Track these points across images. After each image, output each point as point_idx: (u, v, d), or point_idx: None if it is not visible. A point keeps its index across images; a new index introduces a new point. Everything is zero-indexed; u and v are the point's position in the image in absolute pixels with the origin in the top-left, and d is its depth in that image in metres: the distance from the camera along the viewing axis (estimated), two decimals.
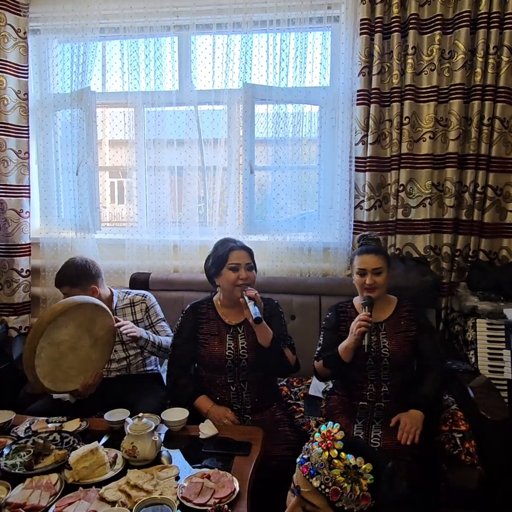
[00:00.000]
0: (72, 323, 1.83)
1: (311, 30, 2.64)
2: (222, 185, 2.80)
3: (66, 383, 1.86)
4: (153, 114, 2.80)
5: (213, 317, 2.01)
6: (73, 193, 2.89)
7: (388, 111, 2.59)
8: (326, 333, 2.07)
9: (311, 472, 0.97)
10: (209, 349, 1.95)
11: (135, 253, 2.87)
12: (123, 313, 2.21)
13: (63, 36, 2.82)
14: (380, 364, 1.92)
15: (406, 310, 2.01)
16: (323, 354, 1.99)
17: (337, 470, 0.95)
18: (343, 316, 2.06)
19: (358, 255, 2.00)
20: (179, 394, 1.96)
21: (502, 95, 2.48)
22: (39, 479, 1.41)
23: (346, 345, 1.87)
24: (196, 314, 2.02)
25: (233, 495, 1.34)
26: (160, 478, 1.43)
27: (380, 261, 1.94)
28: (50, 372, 1.79)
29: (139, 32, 2.73)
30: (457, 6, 2.48)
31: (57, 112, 2.93)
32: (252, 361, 1.93)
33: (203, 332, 1.98)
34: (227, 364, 1.92)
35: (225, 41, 2.66)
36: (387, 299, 2.05)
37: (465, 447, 1.81)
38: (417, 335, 1.96)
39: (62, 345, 1.82)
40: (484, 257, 2.62)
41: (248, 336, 1.95)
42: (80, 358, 1.89)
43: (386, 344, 1.93)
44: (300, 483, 1.00)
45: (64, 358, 1.84)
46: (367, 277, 1.93)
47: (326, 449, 0.97)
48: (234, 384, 1.93)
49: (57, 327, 1.78)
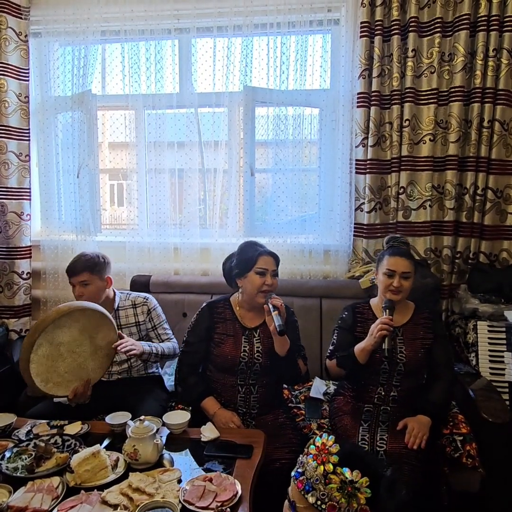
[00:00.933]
0: (76, 325, 1.82)
1: (311, 33, 2.65)
2: (223, 188, 2.81)
3: (58, 387, 1.83)
4: (153, 116, 2.81)
5: (229, 318, 1.99)
6: (73, 196, 2.89)
7: (388, 114, 2.60)
8: (341, 332, 2.04)
9: (306, 488, 0.96)
10: (223, 349, 1.94)
11: (136, 256, 2.87)
12: (125, 314, 2.21)
13: (64, 39, 2.82)
14: (394, 369, 1.90)
15: (424, 318, 2.00)
16: (337, 353, 1.97)
17: (333, 485, 0.93)
18: (359, 317, 2.03)
19: (389, 255, 1.95)
20: (187, 392, 1.95)
21: (502, 98, 2.48)
22: (40, 482, 1.40)
23: (364, 346, 1.85)
24: (212, 313, 2.00)
25: (235, 498, 1.34)
26: (162, 481, 1.43)
27: (410, 266, 1.92)
28: (45, 372, 1.78)
29: (140, 35, 2.74)
30: (457, 9, 2.49)
31: (58, 115, 2.93)
32: (265, 365, 1.92)
33: (219, 332, 1.97)
34: (240, 366, 1.91)
35: (226, 44, 2.67)
36: (406, 304, 2.03)
37: (466, 450, 1.81)
38: (433, 343, 1.95)
39: (62, 346, 1.81)
40: (485, 259, 2.63)
41: (264, 340, 1.95)
42: (78, 364, 1.87)
43: (403, 349, 1.92)
44: (295, 498, 0.99)
45: (63, 361, 1.83)
46: (395, 279, 1.90)
47: (321, 463, 0.96)
48: (243, 386, 1.93)
49: (59, 327, 1.78)
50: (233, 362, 1.91)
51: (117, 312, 2.21)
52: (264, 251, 1.94)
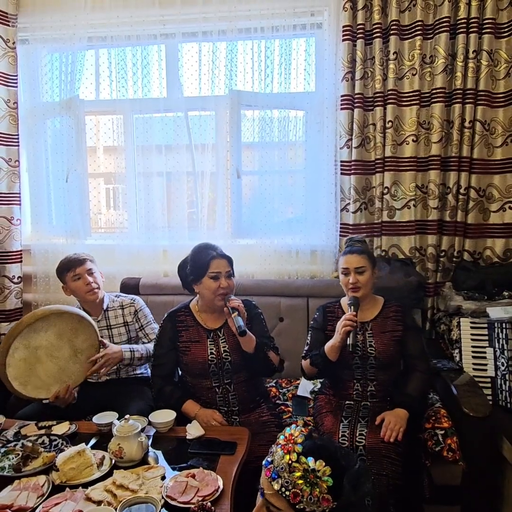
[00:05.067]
0: (52, 329, 1.86)
1: (295, 36, 2.69)
2: (211, 190, 2.84)
3: (39, 389, 1.86)
4: (141, 121, 2.84)
5: (191, 324, 2.02)
6: (63, 200, 2.93)
7: (372, 115, 2.64)
8: (313, 332, 2.11)
9: (273, 475, 1.00)
10: (191, 356, 1.97)
11: (125, 259, 2.90)
12: (114, 314, 2.25)
13: (51, 45, 2.86)
14: (366, 363, 1.95)
15: (393, 311, 2.05)
16: (311, 353, 2.02)
17: (296, 473, 0.97)
18: (330, 316, 2.10)
19: (342, 255, 2.05)
20: (165, 402, 1.96)
21: (482, 98, 2.53)
22: (27, 481, 1.44)
23: (332, 344, 1.90)
24: (174, 323, 2.03)
25: (216, 493, 1.38)
26: (146, 478, 1.46)
27: (362, 261, 1.98)
28: (22, 375, 1.82)
29: (126, 40, 2.77)
30: (437, 12, 2.54)
31: (46, 120, 2.96)
32: (236, 363, 1.95)
33: (183, 340, 2.00)
34: (210, 369, 1.95)
35: (211, 48, 2.70)
36: (374, 299, 2.09)
37: (447, 444, 1.84)
38: (404, 335, 2.00)
39: (39, 350, 1.85)
40: (469, 257, 2.67)
41: (229, 338, 1.98)
42: (59, 367, 1.90)
43: (373, 343, 1.97)
44: (264, 485, 1.03)
45: (41, 364, 1.86)
46: (350, 276, 1.97)
47: (287, 452, 1.00)
48: (219, 387, 1.96)
49: (35, 331, 1.82)
50: (203, 366, 1.94)
51: (106, 313, 2.25)
52: (216, 255, 1.97)
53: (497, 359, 2.16)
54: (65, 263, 2.19)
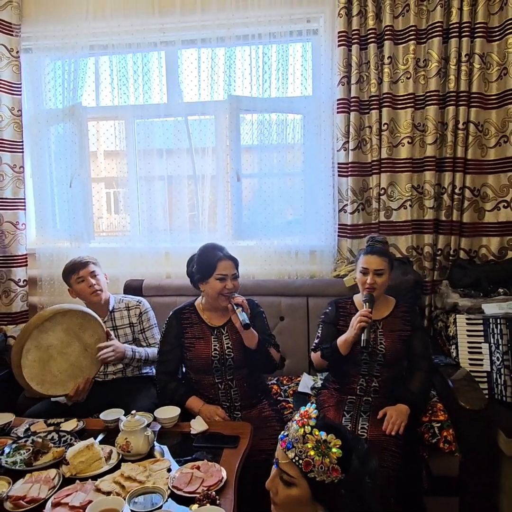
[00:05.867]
0: (59, 327, 1.93)
1: (291, 42, 2.76)
2: (211, 193, 2.91)
3: (55, 386, 1.94)
4: (142, 126, 2.91)
5: (196, 321, 2.09)
6: (67, 205, 2.99)
7: (368, 118, 2.70)
8: (324, 326, 2.15)
9: (288, 446, 1.09)
10: (195, 352, 2.03)
11: (129, 261, 2.96)
12: (120, 315, 2.32)
13: (54, 54, 2.93)
14: (374, 360, 2.01)
15: (402, 311, 2.11)
16: (321, 346, 2.08)
17: (309, 444, 1.07)
18: (342, 311, 2.15)
19: (363, 254, 2.08)
20: (169, 398, 2.01)
21: (475, 100, 2.59)
22: (38, 474, 1.49)
23: (345, 338, 1.96)
24: (180, 320, 2.10)
25: (220, 483, 1.43)
26: (153, 470, 1.51)
27: (383, 263, 2.02)
28: (38, 374, 1.89)
29: (127, 48, 2.84)
30: (430, 17, 2.60)
31: (50, 127, 3.03)
32: (238, 359, 2.01)
33: (188, 337, 2.06)
34: (213, 365, 2.00)
35: (210, 55, 2.77)
36: (386, 299, 2.15)
37: (443, 436, 1.90)
38: (411, 336, 2.06)
39: (51, 349, 1.92)
40: (465, 256, 2.72)
41: (232, 335, 2.04)
42: (71, 363, 1.98)
43: (383, 341, 2.02)
44: (279, 456, 1.12)
45: (54, 362, 1.93)
46: (369, 276, 2.01)
47: (301, 426, 1.10)
48: (222, 383, 2.02)
49: (44, 331, 1.90)
50: (206, 362, 2.00)
51: (112, 314, 2.31)
52: (223, 256, 2.02)
53: (492, 354, 2.22)
54: (69, 267, 2.26)
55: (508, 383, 2.10)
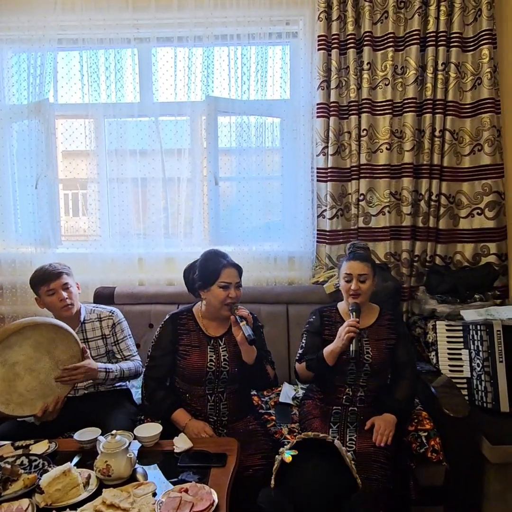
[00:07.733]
0: (27, 342, 1.77)
1: (270, 44, 2.72)
2: (187, 197, 2.81)
3: (22, 407, 1.78)
4: (114, 125, 2.78)
5: (193, 328, 1.98)
6: (31, 207, 2.80)
7: (347, 124, 2.69)
8: (309, 336, 2.09)
9: None
10: (190, 361, 1.92)
11: (99, 267, 2.81)
12: (92, 327, 2.16)
13: (18, 46, 2.75)
14: (361, 370, 1.97)
15: (387, 319, 2.08)
16: (306, 356, 2.02)
17: None
18: (327, 320, 2.09)
19: (346, 261, 2.04)
20: (155, 408, 1.92)
21: (451, 109, 2.64)
22: (8, 505, 1.35)
23: (332, 349, 1.90)
24: (176, 325, 1.98)
25: (212, 507, 1.34)
26: (137, 495, 1.40)
27: (366, 269, 1.99)
28: (3, 394, 1.73)
29: (98, 43, 2.70)
30: (407, 25, 2.63)
31: (13, 124, 2.84)
32: (233, 373, 1.92)
33: (183, 344, 1.95)
34: (207, 376, 1.91)
35: (187, 54, 2.68)
36: (370, 307, 2.11)
37: (431, 445, 1.89)
38: (396, 344, 2.03)
39: (17, 365, 1.76)
40: (440, 262, 2.76)
41: (230, 348, 1.95)
42: (40, 381, 1.81)
43: (369, 350, 1.98)
44: None
45: (21, 380, 1.77)
46: (353, 282, 1.98)
47: None
48: (212, 395, 1.92)
49: (9, 347, 1.74)
50: (200, 372, 1.91)
51: (83, 325, 2.15)
52: (227, 264, 1.93)
53: (472, 360, 2.24)
54: (39, 276, 2.07)
55: (488, 389, 2.12)
